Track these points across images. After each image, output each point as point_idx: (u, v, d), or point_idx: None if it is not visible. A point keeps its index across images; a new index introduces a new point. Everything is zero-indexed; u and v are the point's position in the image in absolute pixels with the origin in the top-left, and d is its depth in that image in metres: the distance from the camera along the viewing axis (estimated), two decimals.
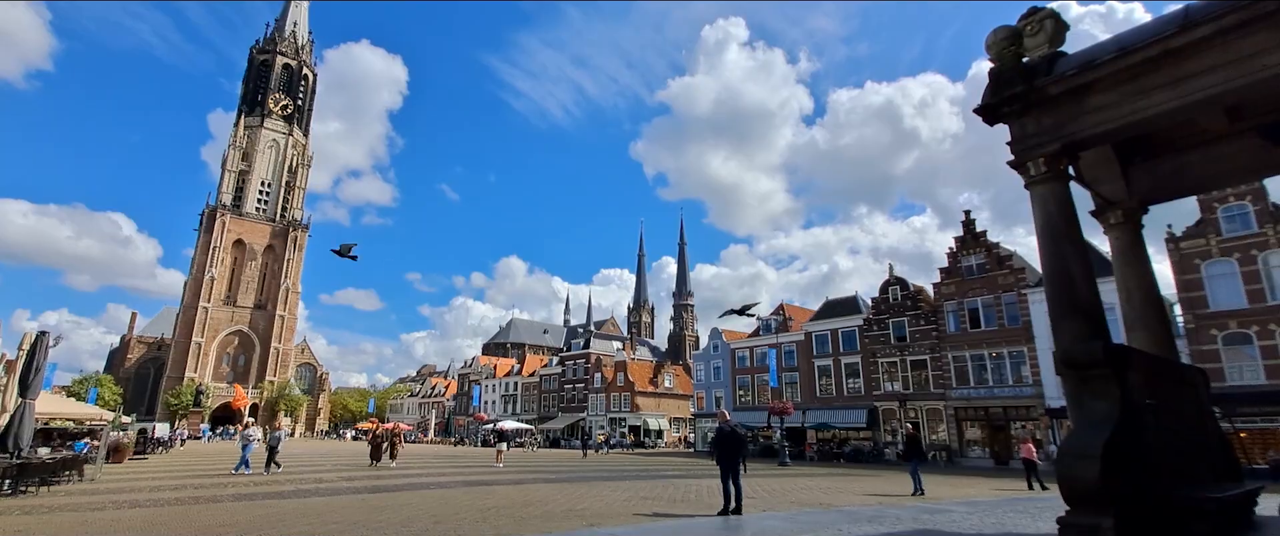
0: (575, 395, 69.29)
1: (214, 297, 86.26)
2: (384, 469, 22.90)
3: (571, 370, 71.09)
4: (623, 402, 63.29)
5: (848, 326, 42.80)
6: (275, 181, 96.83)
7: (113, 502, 12.57)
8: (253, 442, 20.82)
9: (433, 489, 16.17)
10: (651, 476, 21.37)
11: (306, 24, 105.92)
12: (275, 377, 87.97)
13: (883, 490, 16.98)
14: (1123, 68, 5.37)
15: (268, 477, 18.81)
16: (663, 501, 13.34)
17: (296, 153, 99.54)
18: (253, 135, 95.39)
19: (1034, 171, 5.92)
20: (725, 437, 11.20)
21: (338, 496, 14.13)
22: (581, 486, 17.08)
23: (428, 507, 12.20)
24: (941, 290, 37.85)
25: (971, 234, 37.50)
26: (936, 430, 36.84)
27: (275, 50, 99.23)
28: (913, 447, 16.88)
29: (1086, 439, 4.87)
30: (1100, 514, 4.58)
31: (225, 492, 14.59)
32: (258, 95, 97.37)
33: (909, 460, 16.53)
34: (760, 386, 47.71)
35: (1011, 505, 12.33)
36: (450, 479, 19.43)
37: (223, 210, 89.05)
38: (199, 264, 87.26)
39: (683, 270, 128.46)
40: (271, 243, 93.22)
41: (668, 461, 33.82)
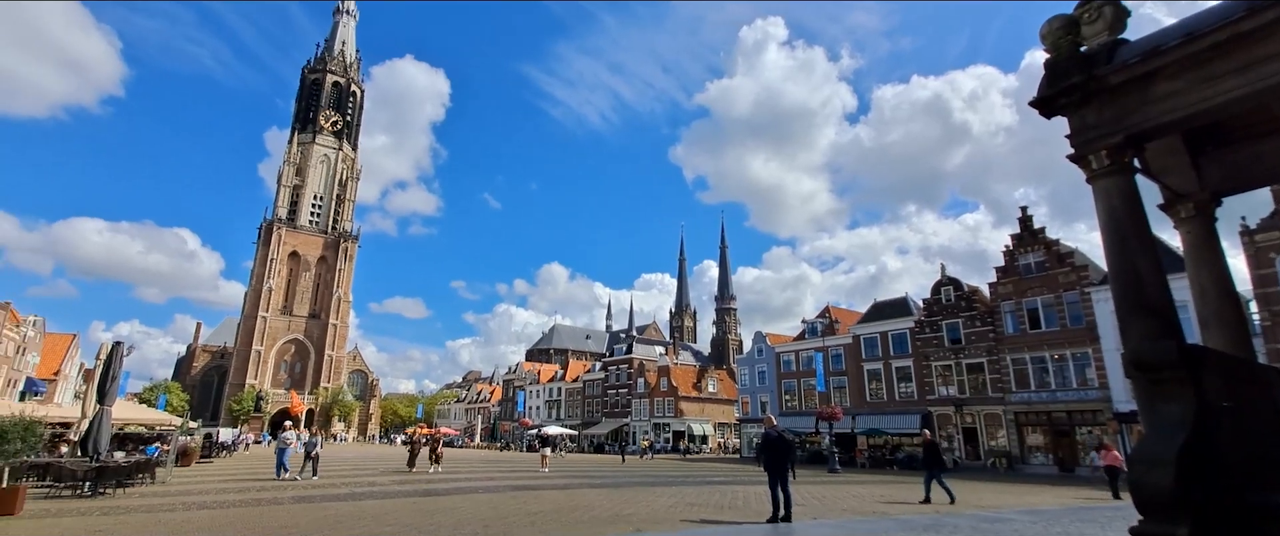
0: (619, 400, 69.46)
1: (272, 307, 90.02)
2: (421, 473, 23.00)
3: (614, 375, 71.33)
4: (666, 408, 63.13)
5: (898, 329, 41.66)
6: (327, 195, 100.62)
7: (182, 504, 13.22)
8: (289, 447, 20.84)
9: (481, 493, 16.44)
10: (697, 482, 21.22)
11: (354, 43, 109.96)
12: (329, 384, 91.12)
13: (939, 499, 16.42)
14: (1189, 54, 5.07)
15: (324, 481, 19.45)
16: (710, 508, 13.22)
17: (346, 166, 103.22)
18: (305, 151, 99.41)
19: (1096, 165, 5.64)
20: (772, 443, 11.03)
21: (390, 499, 14.51)
22: (627, 491, 17.09)
23: (477, 511, 12.41)
24: (998, 290, 36.45)
25: (1029, 230, 36.01)
26: (995, 436, 35.45)
27: (325, 69, 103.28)
28: (931, 455, 16.10)
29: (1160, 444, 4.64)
30: (1175, 523, 4.36)
31: (285, 495, 15.16)
32: (309, 112, 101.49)
33: (928, 468, 15.82)
34: (807, 391, 46.87)
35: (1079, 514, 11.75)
36: (498, 483, 19.71)
37: (279, 223, 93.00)
38: (257, 275, 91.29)
39: (724, 273, 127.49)
40: (324, 254, 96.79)
41: (713, 467, 33.53)
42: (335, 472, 24.14)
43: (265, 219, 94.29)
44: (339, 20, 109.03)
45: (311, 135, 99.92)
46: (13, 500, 11.04)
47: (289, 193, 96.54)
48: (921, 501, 14.74)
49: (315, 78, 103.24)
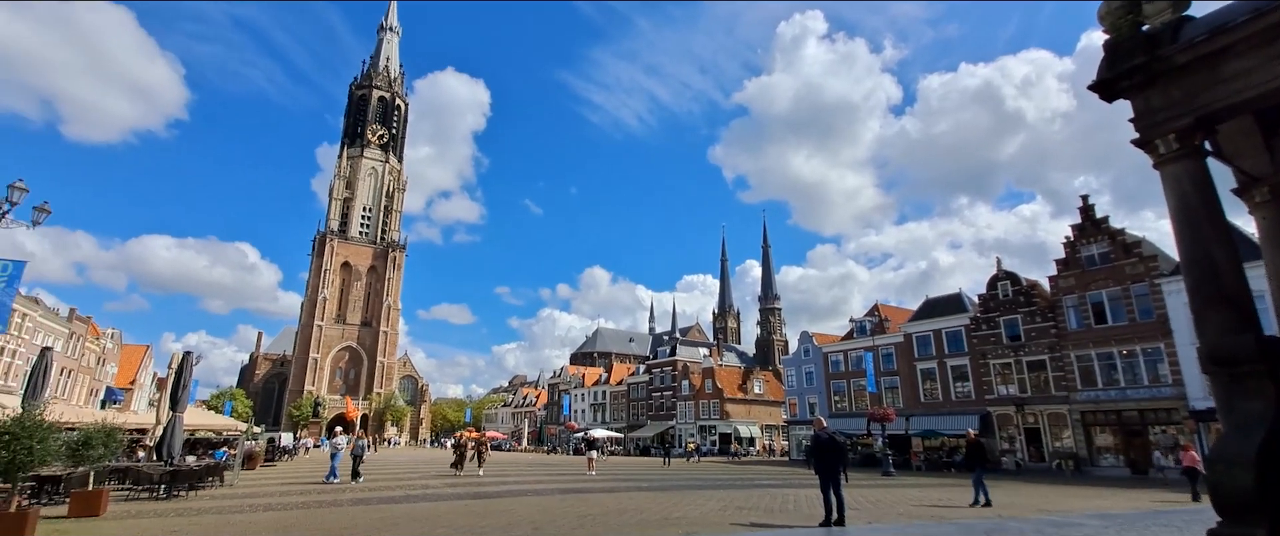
0: (663, 403, 69.39)
1: (326, 316, 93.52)
2: (469, 476, 23.31)
3: (658, 378, 71.31)
4: (712, 410, 62.72)
5: (952, 326, 40.28)
6: (375, 206, 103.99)
7: (249, 505, 13.85)
8: (341, 451, 21.23)
9: (530, 495, 16.67)
10: (746, 485, 20.99)
11: (397, 58, 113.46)
12: (381, 390, 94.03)
13: (1001, 501, 15.80)
14: (1260, 30, 4.77)
15: (378, 483, 20.06)
16: (759, 511, 13.06)
17: (392, 178, 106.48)
18: (354, 164, 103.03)
19: (1164, 149, 5.36)
20: (823, 445, 10.83)
21: (443, 502, 14.86)
22: (675, 495, 17.04)
23: (527, 514, 12.58)
24: (1059, 283, 34.83)
25: (1091, 220, 34.29)
26: (1061, 437, 33.88)
27: (371, 85, 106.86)
28: (975, 455, 15.38)
29: (1239, 443, 4.40)
30: (1253, 525, 4.15)
31: (344, 497, 15.71)
32: (357, 127, 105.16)
33: (972, 469, 15.18)
34: (857, 392, 45.81)
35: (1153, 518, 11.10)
36: (546, 486, 19.95)
37: (331, 235, 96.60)
38: (312, 286, 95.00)
39: (768, 273, 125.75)
40: (373, 263, 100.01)
41: (761, 470, 33.13)
42: (389, 475, 24.86)
43: (318, 231, 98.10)
44: (383, 37, 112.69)
45: (360, 149, 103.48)
46: (97, 502, 11.78)
47: (340, 205, 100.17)
48: (971, 504, 14.22)
49: (362, 93, 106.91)
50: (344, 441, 21.83)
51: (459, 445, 26.54)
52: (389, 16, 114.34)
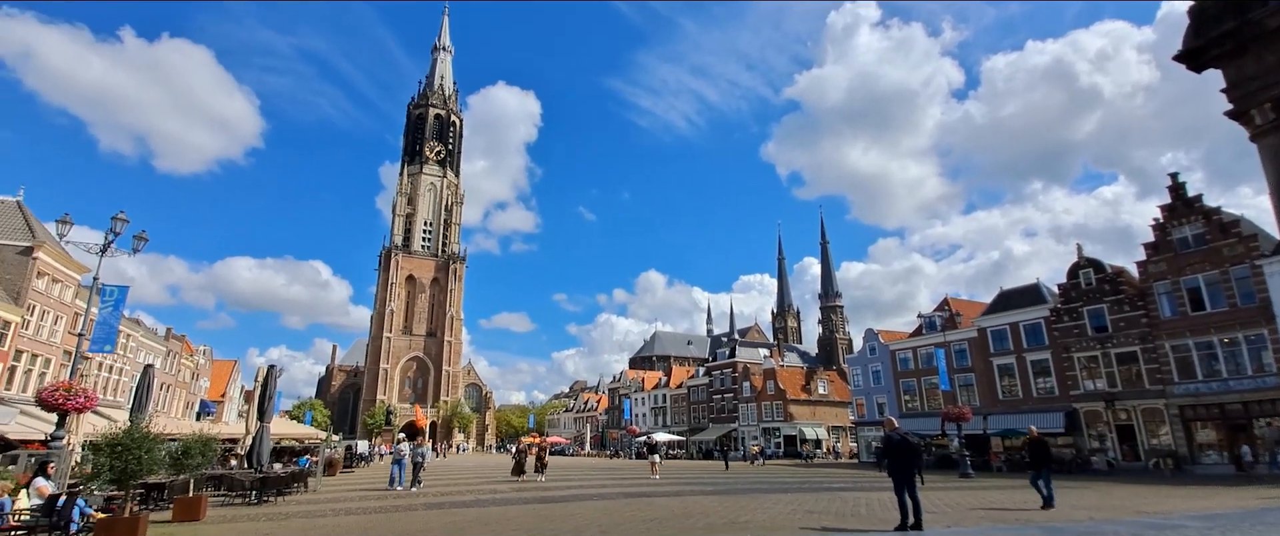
0: (725, 405, 68.73)
1: (394, 328, 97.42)
2: (530, 481, 23.39)
3: (718, 380, 70.71)
4: (775, 412, 61.65)
5: (1031, 319, 38.16)
6: (435, 220, 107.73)
7: (332, 510, 14.56)
8: (404, 458, 21.52)
9: (595, 500, 16.82)
10: (814, 488, 20.52)
11: (451, 76, 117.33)
12: (448, 398, 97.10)
13: (1092, 503, 14.84)
14: None
15: (451, 488, 20.70)
16: (831, 515, 12.73)
17: (450, 192, 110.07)
18: (414, 181, 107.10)
19: (1260, 120, 4.91)
20: (896, 446, 10.46)
21: (511, 506, 15.20)
22: (742, 498, 16.83)
23: (593, 517, 12.70)
24: (1149, 269, 32.45)
25: (1182, 200, 31.79)
26: (1157, 433, 31.52)
27: (427, 104, 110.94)
28: (1039, 454, 14.30)
29: None
30: None
31: (418, 502, 16.30)
32: (416, 145, 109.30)
33: (1035, 469, 14.15)
34: (929, 390, 44.04)
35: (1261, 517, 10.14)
36: (611, 490, 20.08)
37: (395, 250, 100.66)
38: (380, 299, 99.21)
39: (827, 270, 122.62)
40: (436, 275, 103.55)
41: (829, 472, 32.31)
42: (458, 480, 25.62)
43: (383, 246, 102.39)
44: (437, 57, 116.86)
45: (419, 166, 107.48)
46: (198, 507, 12.64)
47: (402, 221, 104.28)
48: (1043, 506, 13.41)
49: (419, 113, 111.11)
50: (406, 448, 22.42)
51: (520, 452, 26.84)
52: (442, 37, 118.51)
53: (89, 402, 14.07)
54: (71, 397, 13.55)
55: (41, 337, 31.50)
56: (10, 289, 29.48)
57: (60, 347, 32.55)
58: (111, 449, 9.66)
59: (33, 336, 30.77)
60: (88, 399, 13.97)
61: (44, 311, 31.71)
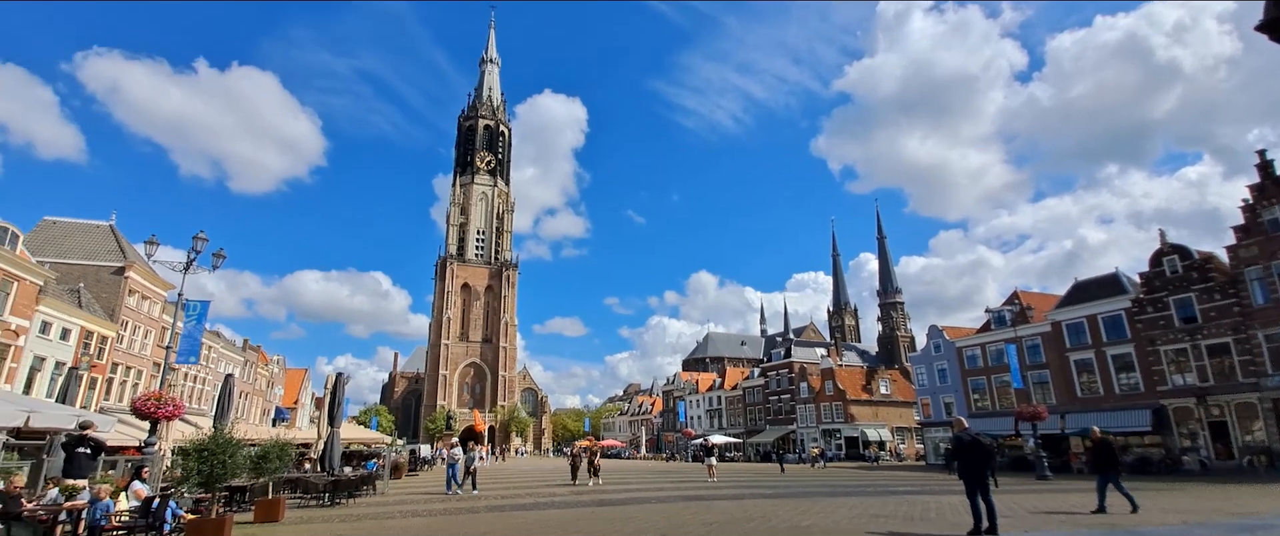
0: (782, 407, 67.49)
1: (451, 335, 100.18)
2: (583, 485, 23.12)
3: (775, 381, 69.52)
4: (835, 413, 60.08)
5: (1110, 310, 35.81)
6: (488, 229, 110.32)
7: (400, 512, 14.95)
8: (458, 462, 21.55)
9: (654, 503, 16.69)
10: (879, 492, 19.79)
11: (499, 87, 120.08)
12: (505, 402, 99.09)
13: (1183, 506, 13.71)
14: None
15: (512, 491, 20.96)
16: (898, 519, 12.19)
17: (501, 201, 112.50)
18: (466, 191, 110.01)
19: None
20: (966, 447, 9.91)
21: (570, 509, 15.23)
22: (803, 502, 16.37)
23: (652, 521, 12.57)
24: (1239, 254, 29.97)
25: (1271, 178, 29.24)
26: (1251, 429, 29.06)
27: (476, 115, 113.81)
28: (1102, 456, 13.16)
29: None
30: None
31: (480, 504, 16.55)
32: (467, 156, 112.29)
33: (1098, 473, 13.03)
34: (999, 388, 41.98)
35: None
36: (668, 493, 19.91)
37: (450, 259, 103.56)
38: (437, 307, 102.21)
39: (885, 266, 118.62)
40: (490, 283, 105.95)
41: (894, 475, 31.17)
42: (518, 484, 25.96)
43: (439, 256, 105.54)
44: (485, 70, 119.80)
45: (470, 176, 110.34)
46: (277, 509, 13.19)
47: (456, 231, 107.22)
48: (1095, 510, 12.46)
49: (469, 124, 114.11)
50: (459, 453, 22.58)
51: (574, 456, 26.70)
52: (489, 50, 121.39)
53: (177, 411, 14.92)
54: (161, 406, 14.41)
55: (134, 351, 33.80)
56: (106, 306, 31.77)
57: (150, 359, 34.84)
58: (198, 454, 10.17)
59: (126, 350, 33.05)
60: (176, 407, 14.82)
61: (135, 326, 34.02)
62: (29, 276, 25.35)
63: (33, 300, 25.63)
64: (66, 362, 27.42)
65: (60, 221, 35.52)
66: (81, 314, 29.02)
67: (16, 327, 24.74)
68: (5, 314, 24.10)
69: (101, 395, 30.45)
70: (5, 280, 23.99)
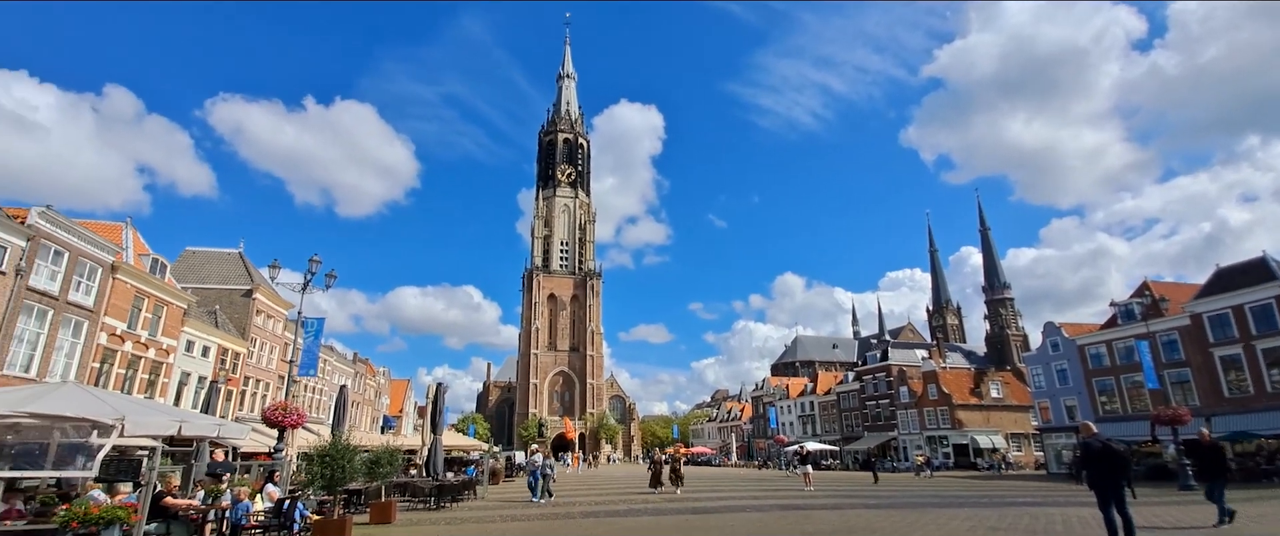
0: (880, 412, 64.41)
1: (540, 345, 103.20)
2: (667, 493, 22.31)
3: (871, 385, 66.50)
4: (940, 418, 56.60)
5: (1260, 299, 31.54)
6: (571, 240, 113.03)
7: (499, 516, 15.44)
8: (538, 470, 21.43)
9: (749, 511, 16.30)
10: (996, 503, 18.37)
11: (576, 101, 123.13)
12: (593, 410, 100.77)
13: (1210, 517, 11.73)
14: None
15: (604, 498, 21.15)
16: (1019, 532, 11.19)
17: (583, 212, 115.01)
18: (549, 204, 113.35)
19: None
20: (1096, 455, 8.98)
21: (664, 516, 15.13)
22: (910, 513, 15.43)
23: (746, 529, 12.25)
24: None
25: None
26: None
27: (556, 130, 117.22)
28: (1210, 461, 11.41)
29: None
30: None
31: (576, 510, 16.80)
32: (548, 170, 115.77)
33: (1207, 480, 11.34)
34: (1131, 389, 37.98)
35: None
36: (763, 502, 19.42)
37: (536, 271, 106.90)
38: (526, 318, 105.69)
39: (990, 260, 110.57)
40: (575, 293, 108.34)
41: (1011, 485, 28.88)
42: (610, 490, 26.18)
43: (525, 268, 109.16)
44: (562, 85, 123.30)
45: (552, 190, 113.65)
46: (389, 511, 13.97)
47: (540, 243, 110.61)
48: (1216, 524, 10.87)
49: (549, 139, 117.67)
50: (539, 458, 22.70)
51: (655, 462, 25.79)
52: (565, 65, 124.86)
53: (300, 419, 16.20)
54: (287, 415, 15.69)
55: (261, 365, 37.16)
56: (238, 325, 35.15)
57: (275, 372, 38.16)
58: (321, 459, 10.96)
59: (255, 364, 36.40)
60: (299, 416, 16.10)
61: (262, 343, 37.42)
62: (175, 301, 28.47)
63: (179, 322, 28.75)
64: (207, 377, 30.50)
65: (198, 251, 39.74)
66: (218, 333, 32.24)
67: (167, 346, 27.83)
68: (158, 335, 27.18)
69: (236, 406, 33.64)
70: (158, 305, 27.07)
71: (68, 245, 21.59)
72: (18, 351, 19.85)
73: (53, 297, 21.00)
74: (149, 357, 26.60)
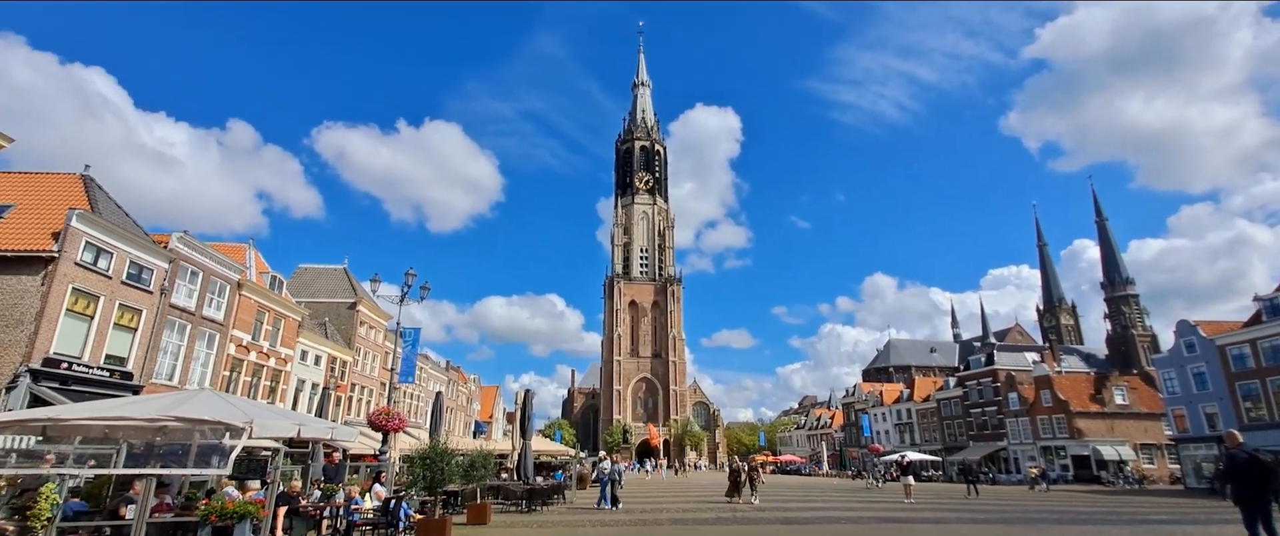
0: (987, 420, 60.21)
1: (622, 351, 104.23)
2: (746, 504, 21.04)
3: (975, 392, 62.31)
4: (1055, 427, 52.17)
5: None
6: (650, 246, 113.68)
7: (588, 520, 15.58)
8: (606, 476, 20.86)
9: (844, 523, 15.60)
10: (1123, 520, 16.62)
11: (651, 109, 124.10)
12: (677, 416, 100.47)
13: None
14: None
15: (692, 505, 20.89)
16: None
17: (661, 218, 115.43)
18: (627, 212, 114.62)
19: None
20: (1242, 467, 7.99)
21: (753, 525, 14.73)
22: (1024, 529, 14.24)
23: None
24: None
25: None
26: None
27: (632, 138, 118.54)
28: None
29: None
30: None
31: (663, 517, 16.70)
32: (626, 178, 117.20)
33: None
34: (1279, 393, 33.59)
35: None
36: (859, 514, 18.55)
37: (617, 278, 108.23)
38: (607, 325, 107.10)
39: (1109, 253, 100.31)
40: (655, 299, 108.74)
41: (1141, 501, 26.11)
42: (698, 498, 25.89)
43: (606, 276, 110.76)
44: (637, 93, 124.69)
45: (630, 197, 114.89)
46: (485, 513, 14.44)
47: (620, 251, 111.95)
48: None
49: (626, 148, 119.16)
50: (608, 465, 22.33)
51: (733, 470, 24.33)
52: (639, 73, 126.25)
53: (402, 423, 17.11)
54: (390, 420, 16.62)
55: (365, 372, 39.72)
56: (344, 335, 37.78)
57: (377, 379, 40.67)
58: (422, 461, 11.49)
59: (360, 371, 38.95)
60: (401, 421, 17.01)
61: (366, 351, 40.01)
62: (291, 314, 30.97)
63: (294, 333, 31.24)
64: (319, 383, 32.93)
65: (309, 267, 43.14)
66: (328, 343, 34.77)
67: (285, 356, 30.30)
68: (277, 345, 29.65)
69: (345, 410, 36.10)
70: (276, 318, 29.56)
71: (202, 266, 23.99)
72: (164, 361, 22.20)
73: (190, 313, 23.36)
74: (270, 366, 29.04)
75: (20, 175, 22.05)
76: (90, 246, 19.07)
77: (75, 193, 20.87)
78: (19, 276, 17.74)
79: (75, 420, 8.34)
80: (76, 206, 19.26)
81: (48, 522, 7.37)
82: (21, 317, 17.44)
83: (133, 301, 20.55)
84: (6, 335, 17.27)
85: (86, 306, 19.01)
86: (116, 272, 19.96)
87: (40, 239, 18.28)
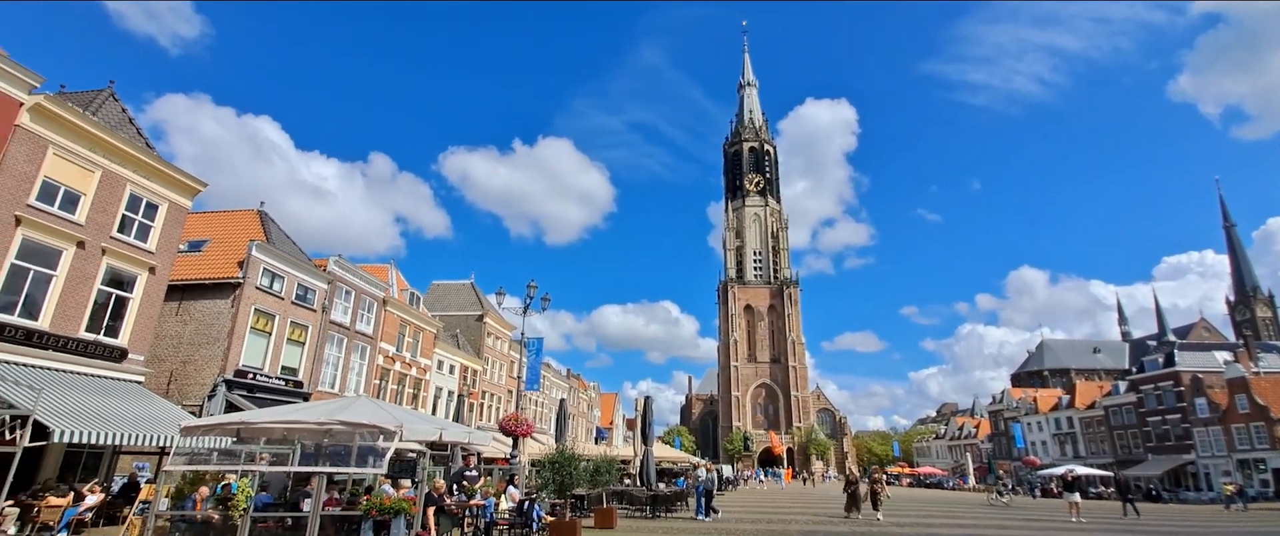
0: (1167, 430, 52.49)
1: (739, 356, 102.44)
2: (868, 520, 18.99)
3: (1151, 397, 54.59)
4: (1255, 437, 44.44)
5: None
6: (763, 249, 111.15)
7: (716, 529, 15.32)
8: (702, 486, 19.88)
9: None
10: None
11: (759, 109, 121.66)
12: (800, 424, 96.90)
13: None
14: None
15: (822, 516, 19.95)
16: None
17: (774, 219, 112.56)
18: (739, 215, 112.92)
19: None
20: None
21: None
22: None
23: None
24: None
25: None
26: None
27: (740, 140, 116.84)
28: None
29: None
30: None
31: (792, 528, 16.07)
32: (735, 181, 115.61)
33: None
34: None
35: None
36: (1013, 531, 16.78)
37: (731, 282, 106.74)
38: (723, 330, 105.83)
39: None
40: (772, 302, 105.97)
41: None
42: (821, 510, 24.72)
43: (720, 280, 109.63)
44: (743, 94, 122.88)
45: (741, 200, 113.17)
46: (612, 517, 14.68)
47: (733, 255, 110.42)
48: None
49: (734, 150, 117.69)
50: (702, 474, 21.50)
51: (851, 483, 21.66)
52: (745, 74, 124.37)
53: (530, 429, 17.90)
54: (520, 425, 17.44)
55: (492, 380, 42.15)
56: (474, 346, 40.37)
57: (505, 387, 43.01)
58: (552, 466, 11.92)
59: (488, 380, 41.40)
60: (529, 426, 17.80)
61: (494, 361, 42.48)
62: (428, 327, 33.59)
63: (432, 345, 33.84)
64: (454, 391, 35.39)
65: (441, 283, 46.67)
66: (460, 353, 37.31)
67: (423, 366, 32.90)
68: (417, 356, 32.27)
69: (477, 416, 38.50)
70: (416, 331, 32.20)
71: (354, 286, 26.70)
72: (326, 371, 24.91)
73: (346, 328, 26.04)
74: (412, 375, 31.64)
75: (212, 214, 25.90)
76: (267, 272, 21.88)
77: (253, 226, 24.08)
78: (215, 300, 20.75)
79: (262, 423, 9.72)
80: (255, 238, 22.20)
81: (244, 512, 8.44)
82: (217, 335, 20.35)
83: (300, 318, 23.29)
84: (207, 350, 20.23)
85: (265, 324, 21.80)
86: (287, 294, 22.73)
87: (229, 267, 21.27)
